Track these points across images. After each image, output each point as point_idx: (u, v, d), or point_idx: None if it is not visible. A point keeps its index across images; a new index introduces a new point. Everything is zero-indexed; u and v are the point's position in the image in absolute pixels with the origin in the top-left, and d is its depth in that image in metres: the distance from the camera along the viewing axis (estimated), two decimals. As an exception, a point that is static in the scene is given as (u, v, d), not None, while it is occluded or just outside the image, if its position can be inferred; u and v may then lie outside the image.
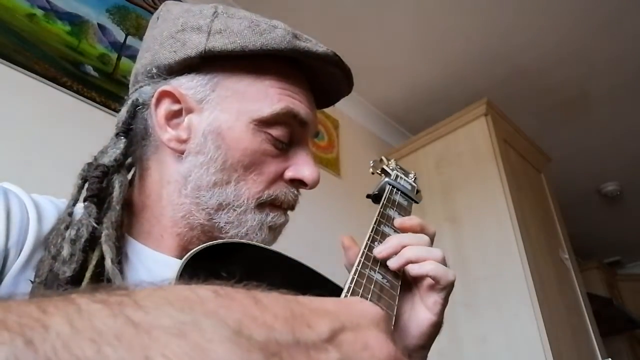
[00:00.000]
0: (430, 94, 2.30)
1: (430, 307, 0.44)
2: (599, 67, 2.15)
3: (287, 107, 0.48)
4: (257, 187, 0.48)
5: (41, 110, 1.15)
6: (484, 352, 1.62)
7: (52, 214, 0.43)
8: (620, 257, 3.98)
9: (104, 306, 0.20)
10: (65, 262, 0.39)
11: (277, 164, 0.49)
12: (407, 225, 0.50)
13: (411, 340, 0.44)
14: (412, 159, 2.17)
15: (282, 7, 1.79)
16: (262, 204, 0.48)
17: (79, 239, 0.41)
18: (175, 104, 0.49)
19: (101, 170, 0.46)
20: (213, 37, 0.47)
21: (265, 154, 0.48)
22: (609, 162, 2.81)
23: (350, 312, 0.26)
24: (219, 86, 0.49)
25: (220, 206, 0.47)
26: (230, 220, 0.47)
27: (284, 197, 0.50)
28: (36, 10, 1.22)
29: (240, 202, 0.47)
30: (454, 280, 0.44)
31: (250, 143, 0.48)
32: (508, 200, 1.76)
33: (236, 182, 0.47)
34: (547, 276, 1.73)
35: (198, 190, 0.47)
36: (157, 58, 0.49)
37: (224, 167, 0.47)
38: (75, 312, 0.19)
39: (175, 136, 0.49)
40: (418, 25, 1.93)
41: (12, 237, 0.38)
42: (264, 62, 0.49)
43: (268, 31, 0.47)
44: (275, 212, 0.50)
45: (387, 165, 0.67)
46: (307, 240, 1.60)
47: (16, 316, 0.18)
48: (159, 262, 0.47)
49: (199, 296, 0.22)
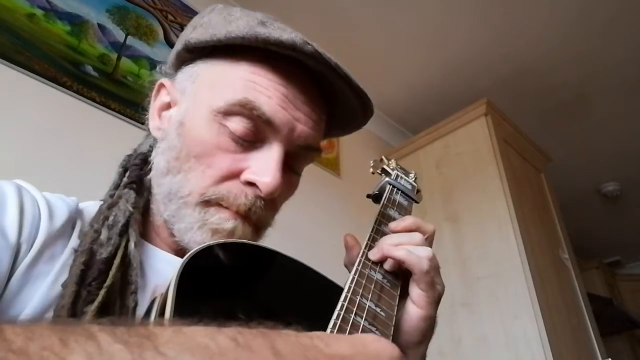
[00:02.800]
0: (430, 94, 2.30)
1: (416, 300, 0.44)
2: (599, 67, 2.15)
3: (245, 98, 0.44)
4: (203, 181, 0.45)
5: (41, 110, 1.15)
6: (484, 352, 1.62)
7: (63, 212, 0.44)
8: (620, 257, 3.97)
9: (124, 347, 0.20)
10: (103, 244, 0.41)
11: (232, 161, 0.45)
12: (399, 228, 0.50)
13: (404, 336, 0.44)
14: (412, 159, 2.17)
15: (282, 7, 1.79)
16: (207, 202, 0.45)
17: (116, 223, 0.43)
18: (168, 96, 0.52)
19: (140, 158, 0.50)
20: (195, 31, 0.49)
21: (218, 147, 0.45)
22: (609, 162, 2.81)
23: (366, 354, 0.26)
24: (199, 78, 0.49)
25: (168, 195, 0.47)
26: (173, 213, 0.46)
27: (233, 198, 0.44)
28: (36, 10, 1.22)
29: (182, 194, 0.45)
30: (427, 270, 0.43)
31: (206, 133, 0.45)
32: (508, 200, 1.76)
33: (185, 172, 0.46)
34: (547, 276, 1.73)
35: (157, 178, 0.49)
36: (171, 54, 0.53)
37: (179, 156, 0.46)
38: (96, 352, 0.19)
39: (158, 125, 0.51)
40: (418, 25, 1.93)
41: (25, 232, 0.39)
42: (241, 54, 0.47)
43: (236, 19, 0.47)
44: (222, 214, 0.45)
45: (388, 165, 0.66)
46: (307, 240, 1.60)
47: (38, 347, 0.18)
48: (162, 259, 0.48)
49: (219, 346, 0.22)
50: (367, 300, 0.41)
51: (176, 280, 0.33)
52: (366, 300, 0.41)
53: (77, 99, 1.23)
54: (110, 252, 0.41)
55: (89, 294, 0.38)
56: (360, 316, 0.38)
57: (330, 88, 0.49)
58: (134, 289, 0.41)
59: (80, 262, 0.39)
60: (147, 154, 0.51)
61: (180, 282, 0.33)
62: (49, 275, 0.39)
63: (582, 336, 1.76)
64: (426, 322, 0.44)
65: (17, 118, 1.10)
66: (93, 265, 0.40)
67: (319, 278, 0.46)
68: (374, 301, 0.41)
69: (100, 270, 0.39)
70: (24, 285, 0.38)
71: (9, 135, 1.06)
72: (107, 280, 0.39)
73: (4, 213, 0.39)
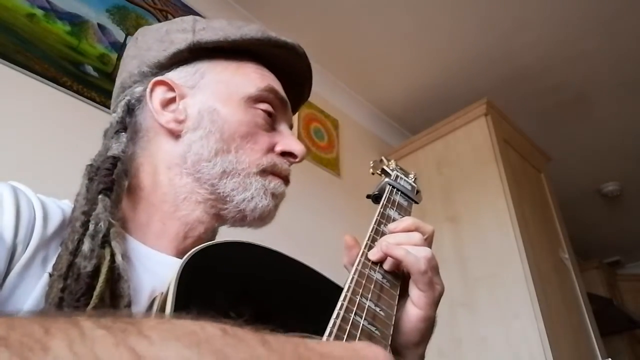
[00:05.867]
0: (430, 94, 2.30)
1: (415, 300, 0.44)
2: (599, 67, 2.15)
3: (270, 84, 0.55)
4: (255, 155, 0.52)
5: (41, 110, 1.15)
6: (483, 352, 1.62)
7: (57, 214, 0.44)
8: (620, 257, 3.97)
9: (107, 332, 0.19)
10: (86, 257, 0.39)
11: (268, 137, 0.54)
12: (399, 229, 0.50)
13: (403, 336, 0.44)
14: (412, 159, 2.17)
15: (282, 7, 1.79)
16: (263, 171, 0.52)
17: (97, 233, 0.41)
18: (169, 92, 0.53)
19: (111, 162, 0.47)
20: (198, 33, 0.54)
21: (257, 127, 0.53)
22: (609, 162, 2.81)
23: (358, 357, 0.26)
24: (207, 75, 0.54)
25: (224, 173, 0.50)
26: (236, 186, 0.50)
27: (281, 165, 0.54)
28: (36, 10, 1.22)
29: (243, 167, 0.51)
30: (424, 270, 0.43)
31: (244, 116, 0.53)
32: (508, 200, 1.76)
33: (236, 150, 0.51)
34: (547, 276, 1.73)
35: (199, 163, 0.50)
36: (146, 59, 0.54)
37: (222, 138, 0.51)
38: (77, 336, 0.19)
39: (173, 117, 0.52)
40: (418, 25, 1.93)
41: (21, 233, 0.39)
42: (243, 55, 0.56)
43: (245, 25, 0.56)
44: (276, 181, 0.53)
45: (387, 165, 0.67)
46: (307, 240, 1.60)
47: (19, 334, 0.18)
48: (159, 261, 0.47)
49: (206, 333, 0.21)
50: (366, 300, 0.41)
51: (176, 280, 0.33)
52: (366, 300, 0.41)
53: (77, 99, 1.23)
54: (95, 265, 0.39)
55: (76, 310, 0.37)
56: (360, 316, 0.38)
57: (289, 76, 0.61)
58: (127, 302, 0.39)
59: (58, 288, 0.37)
60: (119, 158, 0.48)
61: (180, 282, 0.33)
62: (41, 280, 0.39)
63: (582, 336, 1.76)
64: (425, 322, 0.44)
65: (17, 118, 1.10)
66: (79, 281, 0.38)
67: (318, 278, 0.46)
68: (374, 301, 0.41)
69: (88, 285, 0.38)
70: (18, 287, 0.38)
71: (8, 135, 1.06)
72: (93, 297, 0.37)
73: (1, 214, 0.39)
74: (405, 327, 0.44)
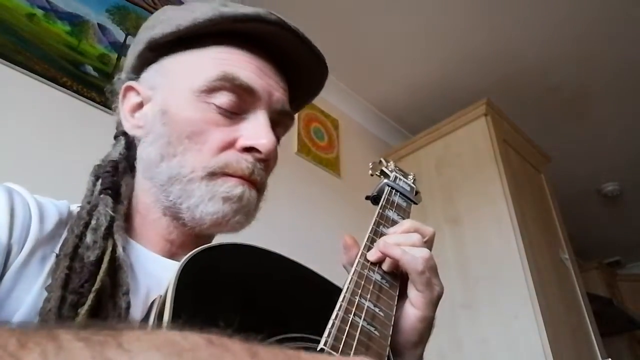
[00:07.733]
0: (430, 94, 2.29)
1: (413, 301, 0.44)
2: (599, 67, 2.14)
3: (223, 71, 0.48)
4: (203, 157, 0.47)
5: (41, 110, 1.15)
6: (484, 353, 1.62)
7: (54, 214, 0.45)
8: (620, 257, 3.97)
9: (85, 345, 0.19)
10: (89, 248, 0.41)
11: (225, 133, 0.48)
12: (399, 232, 0.50)
13: (401, 336, 0.44)
14: (412, 160, 2.17)
15: (281, 7, 1.78)
16: (213, 174, 0.47)
17: (99, 227, 0.43)
18: (138, 96, 0.53)
19: (111, 165, 0.50)
20: (154, 29, 0.51)
21: (209, 123, 0.48)
22: (609, 162, 2.80)
23: None
24: (168, 71, 0.51)
25: (170, 179, 0.48)
26: (180, 193, 0.47)
27: (236, 164, 0.47)
28: (36, 10, 1.22)
29: (185, 172, 0.47)
30: (422, 270, 0.43)
31: (193, 113, 0.48)
32: (508, 200, 1.76)
33: (182, 154, 0.47)
34: (547, 276, 1.73)
35: (150, 170, 0.49)
36: (126, 64, 0.55)
37: (170, 141, 0.48)
38: (53, 350, 0.18)
39: (135, 124, 0.52)
40: (418, 25, 1.93)
41: (15, 234, 0.40)
42: (205, 39, 0.50)
43: (199, 7, 0.50)
44: (230, 182, 0.47)
45: (386, 166, 0.67)
46: (306, 241, 1.60)
47: None
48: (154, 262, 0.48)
49: (190, 343, 0.20)
50: (365, 300, 0.41)
51: (175, 283, 0.33)
52: (365, 301, 0.41)
53: (77, 99, 1.23)
54: (98, 255, 0.41)
55: (80, 296, 0.38)
56: (359, 316, 0.39)
57: (289, 59, 0.53)
58: (125, 290, 0.41)
59: (64, 266, 0.39)
60: (118, 161, 0.51)
61: (178, 284, 0.33)
62: (39, 277, 0.39)
63: (582, 336, 1.76)
64: (423, 323, 0.44)
65: (17, 118, 1.10)
66: (83, 269, 0.39)
67: (317, 279, 0.46)
68: (373, 301, 0.41)
69: (91, 273, 0.39)
70: (15, 286, 0.38)
71: (8, 135, 1.06)
72: (96, 283, 0.39)
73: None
74: (403, 327, 0.44)
